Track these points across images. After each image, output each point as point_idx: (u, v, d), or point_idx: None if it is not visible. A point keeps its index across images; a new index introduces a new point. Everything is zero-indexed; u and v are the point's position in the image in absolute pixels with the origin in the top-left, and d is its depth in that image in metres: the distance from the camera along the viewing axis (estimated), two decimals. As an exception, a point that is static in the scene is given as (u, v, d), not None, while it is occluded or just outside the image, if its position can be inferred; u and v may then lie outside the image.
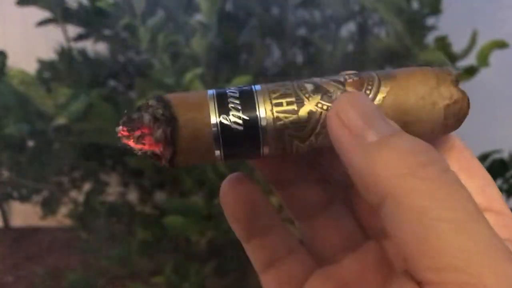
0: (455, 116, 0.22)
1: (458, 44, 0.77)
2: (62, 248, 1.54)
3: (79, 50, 1.02)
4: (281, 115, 0.21)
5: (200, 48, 0.72)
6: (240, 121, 0.21)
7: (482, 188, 0.23)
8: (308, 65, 0.98)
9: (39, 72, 0.97)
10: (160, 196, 1.08)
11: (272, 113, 0.21)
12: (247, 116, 0.21)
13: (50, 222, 1.17)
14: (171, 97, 0.21)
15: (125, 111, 0.21)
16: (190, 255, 0.85)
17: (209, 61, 0.77)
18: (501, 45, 0.71)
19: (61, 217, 1.03)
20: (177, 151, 0.21)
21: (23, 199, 1.04)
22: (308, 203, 0.26)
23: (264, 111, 0.21)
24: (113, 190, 1.12)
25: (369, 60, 0.83)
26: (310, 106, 0.21)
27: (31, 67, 0.87)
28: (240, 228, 0.25)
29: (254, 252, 0.26)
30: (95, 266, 1.21)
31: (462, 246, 0.16)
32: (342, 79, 0.21)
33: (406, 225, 0.17)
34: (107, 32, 0.98)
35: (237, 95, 0.21)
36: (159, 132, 0.21)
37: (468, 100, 0.22)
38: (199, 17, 0.87)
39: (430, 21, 0.83)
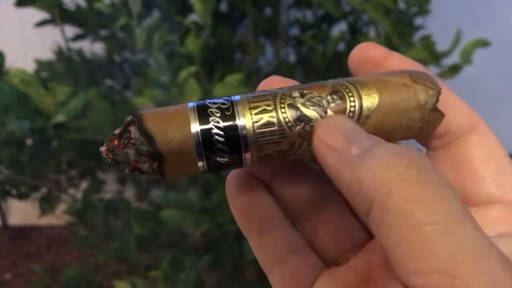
0: (432, 125, 0.23)
1: (449, 44, 0.79)
2: (60, 246, 1.56)
3: (76, 51, 1.04)
4: (260, 131, 0.21)
5: (195, 48, 0.74)
6: (221, 132, 0.21)
7: (497, 176, 0.22)
8: (300, 63, 1.00)
9: (37, 72, 0.99)
10: (156, 193, 1.10)
11: (253, 126, 0.21)
12: (228, 126, 0.21)
13: (48, 220, 1.19)
14: (150, 123, 0.21)
15: (108, 136, 0.21)
16: (186, 249, 0.87)
17: (203, 60, 0.79)
18: (483, 43, 0.73)
19: (59, 214, 1.05)
20: (164, 174, 0.21)
21: (22, 196, 1.06)
22: (303, 202, 0.25)
23: (244, 119, 0.21)
24: (110, 188, 1.14)
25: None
26: (292, 137, 0.21)
27: (29, 67, 0.88)
28: (242, 221, 0.25)
29: (257, 251, 0.26)
30: (92, 262, 1.23)
31: (447, 247, 0.16)
32: (325, 104, 0.21)
33: (392, 230, 0.17)
34: (103, 32, 1.00)
35: (216, 108, 0.21)
36: (145, 166, 0.21)
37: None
38: (193, 17, 0.89)
39: (418, 21, 0.85)
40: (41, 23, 0.98)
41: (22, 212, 1.62)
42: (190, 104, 0.21)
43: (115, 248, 0.90)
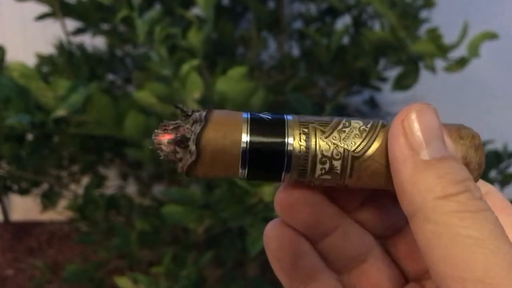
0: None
1: (454, 37, 0.78)
2: (61, 242, 1.56)
3: (78, 45, 1.03)
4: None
5: (197, 41, 0.72)
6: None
7: None
8: (304, 57, 0.99)
9: (38, 66, 0.98)
10: (158, 189, 1.09)
11: (300, 145, 0.22)
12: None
13: (50, 216, 1.19)
14: (209, 111, 0.22)
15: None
16: (188, 245, 0.86)
17: (205, 54, 0.78)
18: (491, 36, 0.72)
19: (61, 210, 1.04)
20: (200, 161, 0.22)
21: (23, 192, 1.05)
22: (346, 256, 0.26)
23: (292, 140, 0.22)
24: (112, 184, 1.13)
25: (363, 52, 0.84)
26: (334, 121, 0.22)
27: (30, 62, 0.87)
28: (284, 275, 0.25)
29: None
30: (94, 258, 1.22)
31: (483, 259, 0.18)
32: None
33: (433, 237, 0.19)
34: (105, 26, 0.99)
35: (269, 121, 0.22)
36: (191, 131, 0.22)
37: (486, 158, 0.23)
38: (196, 10, 0.88)
39: (424, 14, 0.84)
40: (42, 17, 0.97)
41: (23, 208, 1.62)
42: (244, 114, 0.22)
43: (117, 244, 0.89)
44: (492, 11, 1.18)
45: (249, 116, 0.22)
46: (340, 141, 0.22)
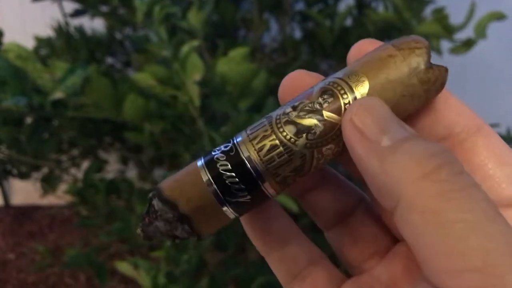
0: (437, 83, 0.21)
1: (459, 19, 0.77)
2: (62, 226, 1.56)
3: (76, 27, 1.02)
4: (267, 157, 0.21)
5: (197, 22, 0.71)
6: (232, 173, 0.21)
7: None
8: (306, 40, 0.98)
9: (36, 48, 0.97)
10: (158, 173, 1.08)
11: (258, 155, 0.21)
12: (235, 164, 0.21)
13: (51, 200, 1.18)
14: (168, 191, 0.22)
15: (140, 223, 0.23)
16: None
17: (206, 36, 0.76)
18: (499, 16, 0.70)
19: (61, 194, 1.04)
20: (200, 231, 0.22)
21: (23, 176, 1.05)
22: (332, 210, 0.25)
23: (247, 153, 0.21)
24: (112, 168, 1.13)
25: (367, 34, 0.83)
26: (300, 151, 0.21)
27: (28, 44, 0.86)
28: (257, 239, 0.25)
29: (276, 266, 0.26)
30: (95, 242, 1.22)
31: (479, 245, 0.15)
32: (318, 107, 0.21)
33: (420, 228, 0.16)
34: (103, 8, 0.97)
35: (221, 153, 0.21)
36: (179, 231, 0.22)
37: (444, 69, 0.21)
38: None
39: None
40: (39, -2, 0.95)
41: (24, 192, 1.62)
42: (199, 162, 0.22)
43: (117, 228, 0.89)
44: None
45: (202, 159, 0.22)
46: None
